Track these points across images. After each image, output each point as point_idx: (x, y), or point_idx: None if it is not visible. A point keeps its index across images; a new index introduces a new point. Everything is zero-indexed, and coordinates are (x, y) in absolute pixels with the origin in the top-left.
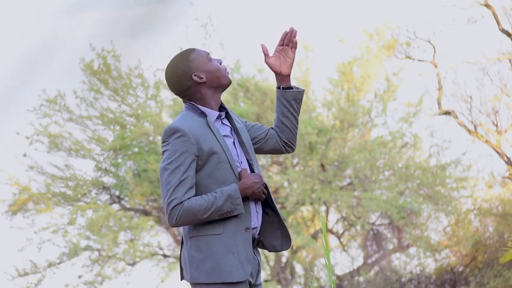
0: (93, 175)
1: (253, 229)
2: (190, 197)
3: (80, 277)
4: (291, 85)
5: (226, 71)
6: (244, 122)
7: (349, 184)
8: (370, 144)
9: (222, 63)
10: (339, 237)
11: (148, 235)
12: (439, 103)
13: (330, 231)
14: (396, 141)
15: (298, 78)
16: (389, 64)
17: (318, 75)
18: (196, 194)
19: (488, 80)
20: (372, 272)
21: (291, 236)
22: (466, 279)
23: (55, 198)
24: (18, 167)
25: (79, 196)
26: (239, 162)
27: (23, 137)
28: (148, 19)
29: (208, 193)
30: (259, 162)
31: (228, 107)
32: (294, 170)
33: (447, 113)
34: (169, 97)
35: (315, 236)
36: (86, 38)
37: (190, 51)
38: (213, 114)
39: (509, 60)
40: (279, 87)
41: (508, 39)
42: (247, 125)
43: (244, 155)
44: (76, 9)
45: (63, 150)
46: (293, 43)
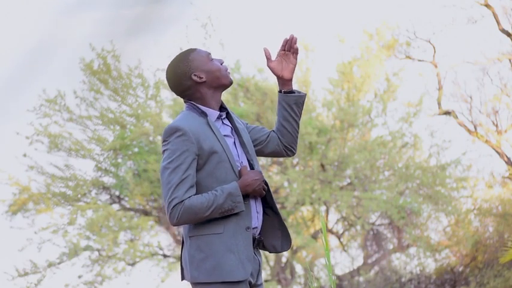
0: (93, 175)
1: (254, 229)
2: (191, 195)
3: (80, 277)
4: (292, 89)
5: (227, 71)
6: (245, 123)
7: (349, 184)
8: (370, 144)
9: (224, 64)
10: (339, 237)
11: (148, 235)
12: (439, 103)
13: (330, 231)
14: (396, 141)
15: (298, 78)
16: (389, 64)
17: (318, 75)
18: (197, 193)
19: (488, 80)
20: (372, 272)
21: (291, 236)
22: (466, 279)
23: (55, 198)
24: (18, 167)
25: (79, 196)
26: (240, 162)
27: (23, 137)
28: (148, 19)
29: (209, 191)
30: (260, 162)
31: (228, 107)
32: (294, 170)
33: (447, 113)
34: (169, 97)
35: (315, 236)
36: (86, 38)
37: (191, 51)
38: (213, 114)
39: (509, 60)
40: (280, 91)
41: (508, 39)
42: (248, 127)
43: (245, 155)
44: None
45: (63, 150)
46: (294, 49)
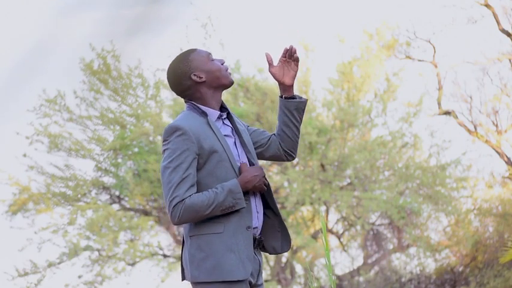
0: (93, 175)
1: (254, 229)
2: (192, 194)
3: (80, 277)
4: (293, 95)
5: (228, 71)
6: (246, 125)
7: (349, 184)
8: (370, 144)
9: (224, 64)
10: (339, 237)
11: (148, 235)
12: (439, 103)
13: (330, 231)
14: (396, 141)
15: (298, 78)
16: (389, 64)
17: (318, 75)
18: (197, 192)
19: (488, 80)
20: (372, 272)
21: (290, 237)
22: (466, 279)
23: (55, 198)
24: (18, 167)
25: (79, 196)
26: (240, 162)
27: (23, 137)
28: (148, 19)
29: (209, 189)
30: (260, 162)
31: (229, 107)
32: (294, 170)
33: (447, 113)
34: (169, 97)
35: (315, 236)
36: (86, 38)
37: (191, 52)
38: (213, 114)
39: (509, 60)
40: (281, 97)
41: (508, 39)
42: (249, 129)
43: (245, 154)
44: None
45: (63, 150)
46: (294, 58)
